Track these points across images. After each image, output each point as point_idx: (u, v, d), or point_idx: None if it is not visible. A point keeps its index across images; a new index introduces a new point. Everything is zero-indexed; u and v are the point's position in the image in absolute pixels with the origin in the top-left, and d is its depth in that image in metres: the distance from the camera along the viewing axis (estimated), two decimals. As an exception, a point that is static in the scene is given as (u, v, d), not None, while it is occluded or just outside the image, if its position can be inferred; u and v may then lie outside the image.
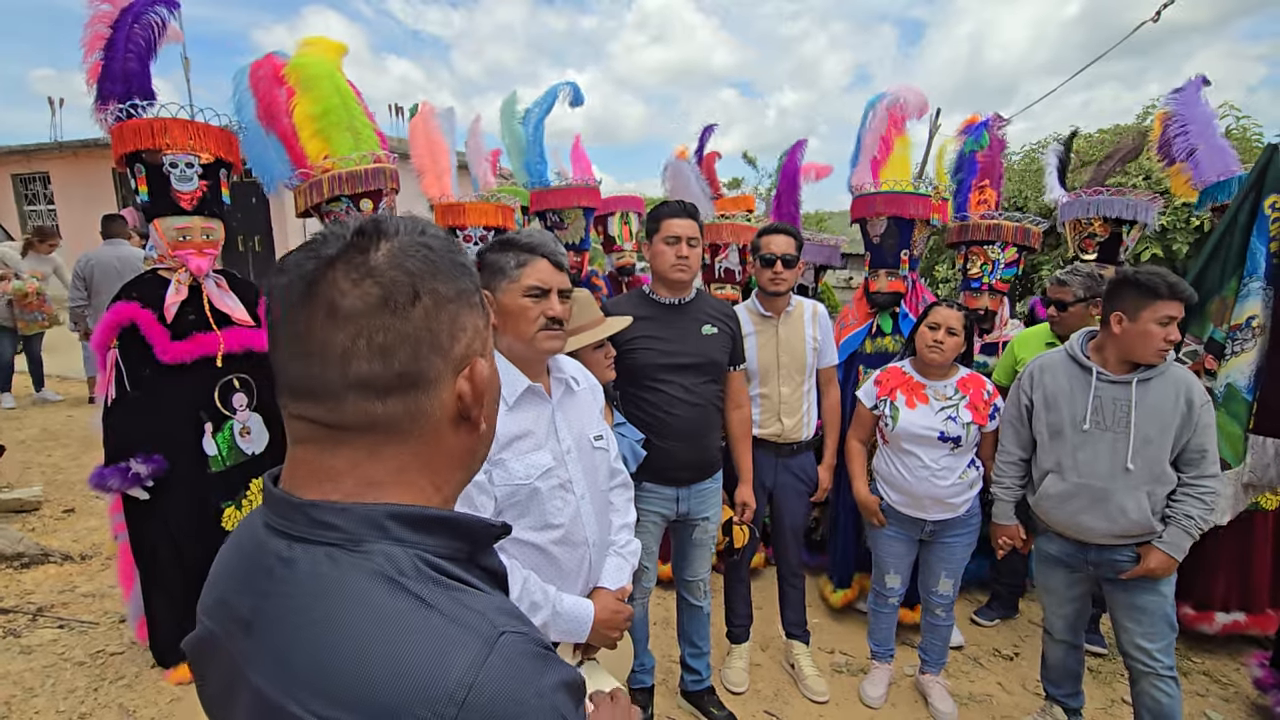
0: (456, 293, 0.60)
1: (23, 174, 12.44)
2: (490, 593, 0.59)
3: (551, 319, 1.47)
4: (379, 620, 0.51)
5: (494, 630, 0.52)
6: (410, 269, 0.57)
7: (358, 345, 0.55)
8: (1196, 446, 2.02)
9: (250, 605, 0.57)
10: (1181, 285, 1.96)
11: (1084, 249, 3.29)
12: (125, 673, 2.64)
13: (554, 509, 1.46)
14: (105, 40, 2.29)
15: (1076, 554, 2.19)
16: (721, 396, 2.36)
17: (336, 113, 2.59)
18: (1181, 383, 2.02)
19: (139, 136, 2.24)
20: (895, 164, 3.07)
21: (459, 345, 0.59)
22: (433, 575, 0.55)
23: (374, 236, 0.57)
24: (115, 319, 2.32)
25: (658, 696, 2.54)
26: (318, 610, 0.52)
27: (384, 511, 0.56)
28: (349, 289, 0.55)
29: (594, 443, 1.59)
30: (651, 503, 2.25)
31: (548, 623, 1.42)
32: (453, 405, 0.60)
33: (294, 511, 0.57)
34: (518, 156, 3.64)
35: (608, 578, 1.59)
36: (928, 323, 2.38)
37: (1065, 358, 2.19)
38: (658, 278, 2.28)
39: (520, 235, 1.52)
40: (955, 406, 2.36)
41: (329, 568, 0.54)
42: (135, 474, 2.32)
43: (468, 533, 0.61)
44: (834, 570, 3.21)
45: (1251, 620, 2.86)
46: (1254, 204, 2.51)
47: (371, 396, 0.56)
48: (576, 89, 3.61)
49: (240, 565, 0.60)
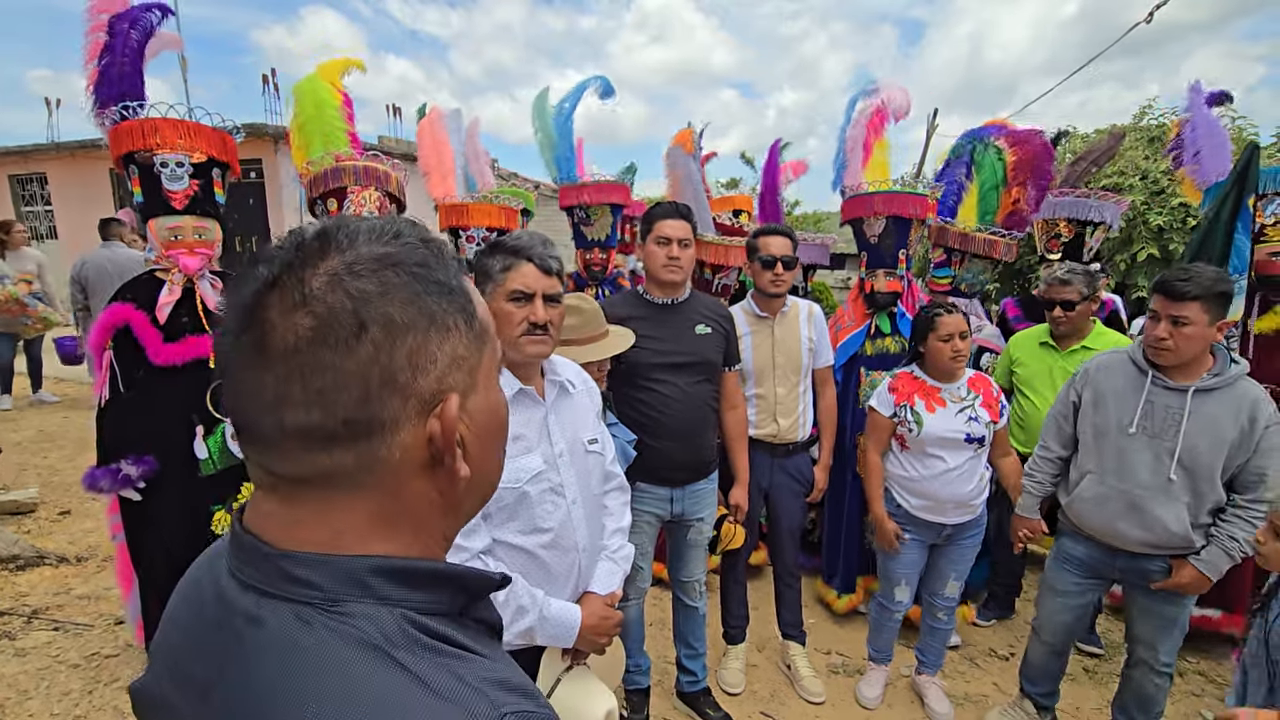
0: (421, 317, 0.49)
1: (20, 175, 12.41)
2: (486, 657, 0.51)
3: (534, 324, 1.45)
4: (360, 701, 0.43)
5: (494, 712, 0.45)
6: (354, 291, 0.47)
7: (291, 390, 0.46)
8: (1256, 469, 1.90)
9: (208, 669, 0.49)
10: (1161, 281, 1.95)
11: (1049, 249, 3.36)
12: (120, 675, 2.63)
13: (544, 513, 1.46)
14: (102, 46, 2.31)
15: (1105, 559, 2.13)
16: (716, 397, 2.36)
17: (312, 122, 2.70)
18: (1246, 398, 1.90)
19: (131, 138, 2.25)
20: (875, 165, 3.08)
21: (425, 380, 0.50)
22: (422, 640, 0.48)
23: (316, 252, 0.48)
24: (110, 320, 2.32)
25: (653, 697, 2.54)
26: (288, 686, 0.45)
27: (367, 566, 0.49)
28: (278, 321, 0.46)
29: (588, 446, 1.58)
30: (646, 503, 2.25)
31: (534, 627, 1.42)
32: (421, 450, 0.50)
33: (264, 562, 0.49)
34: (549, 151, 3.61)
35: (598, 583, 1.59)
36: (938, 336, 2.31)
37: (1125, 359, 2.10)
38: (650, 278, 2.28)
39: (509, 238, 1.50)
40: (972, 406, 2.34)
41: (304, 634, 0.46)
42: (126, 475, 2.31)
43: (463, 586, 0.54)
44: (835, 575, 3.20)
45: (1226, 619, 2.86)
46: (1236, 202, 2.53)
47: (314, 447, 0.48)
48: (606, 82, 3.56)
49: (200, 617, 0.53)
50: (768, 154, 3.79)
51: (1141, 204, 5.74)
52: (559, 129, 3.51)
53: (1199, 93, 3.16)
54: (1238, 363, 1.97)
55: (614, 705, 1.45)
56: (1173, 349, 1.92)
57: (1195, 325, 1.88)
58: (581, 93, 3.55)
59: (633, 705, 2.43)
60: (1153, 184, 5.91)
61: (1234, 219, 2.54)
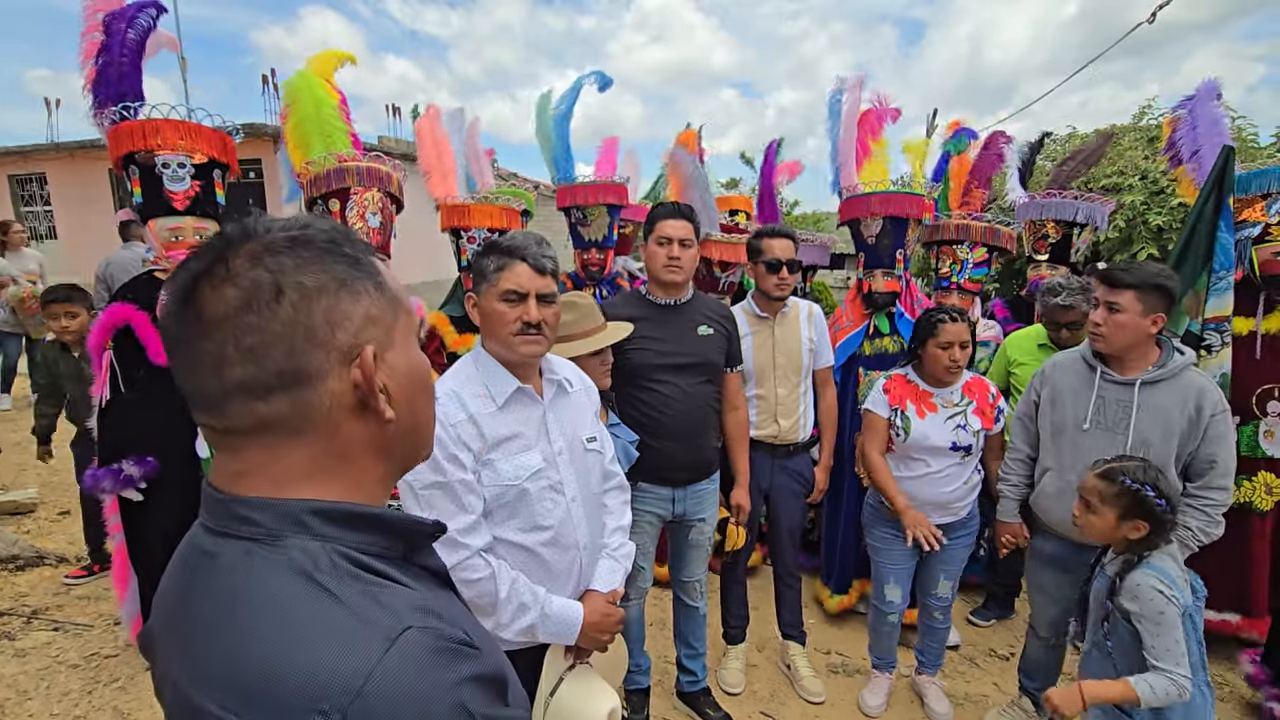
0: (332, 281, 0.57)
1: (19, 175, 12.42)
2: (416, 589, 0.58)
3: (528, 324, 1.45)
4: (285, 617, 0.51)
5: (398, 625, 0.52)
6: (272, 266, 0.55)
7: (227, 351, 0.54)
8: (1205, 456, 1.96)
9: (177, 600, 0.59)
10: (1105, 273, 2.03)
11: (1037, 249, 3.36)
12: (119, 675, 2.63)
13: (543, 510, 1.46)
14: (99, 46, 2.30)
15: (1073, 554, 2.18)
16: (718, 397, 2.36)
17: (310, 121, 2.66)
18: (1192, 388, 1.96)
19: (132, 138, 2.24)
20: (873, 166, 3.08)
21: (343, 335, 0.58)
22: (350, 570, 0.55)
23: (239, 240, 0.57)
24: (110, 320, 2.33)
25: (653, 697, 2.54)
26: (228, 607, 0.53)
27: (304, 507, 0.57)
28: (210, 296, 0.55)
29: (586, 444, 1.59)
30: (647, 503, 2.25)
31: (535, 624, 1.42)
32: (349, 396, 0.59)
33: (219, 506, 0.58)
34: (548, 152, 3.60)
35: (599, 580, 1.59)
36: (938, 343, 2.29)
37: (1077, 357, 2.18)
38: (652, 278, 2.28)
39: (504, 239, 1.51)
40: (964, 413, 2.34)
41: (245, 563, 0.54)
42: (128, 476, 2.32)
43: (395, 530, 0.61)
44: (832, 575, 3.20)
45: (1245, 623, 2.84)
46: (1217, 201, 2.57)
47: (253, 399, 0.56)
48: (602, 75, 3.56)
49: (176, 561, 0.62)
50: (764, 155, 3.80)
51: (1141, 204, 5.74)
52: (555, 129, 3.50)
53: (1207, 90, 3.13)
54: (1183, 354, 2.03)
55: (617, 704, 1.45)
56: (1104, 335, 2.01)
57: (1127, 313, 1.96)
58: (577, 92, 3.53)
59: (633, 705, 2.43)
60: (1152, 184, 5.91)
61: (1216, 217, 2.57)
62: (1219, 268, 2.58)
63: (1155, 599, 1.66)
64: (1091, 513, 1.78)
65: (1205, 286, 2.60)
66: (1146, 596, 1.67)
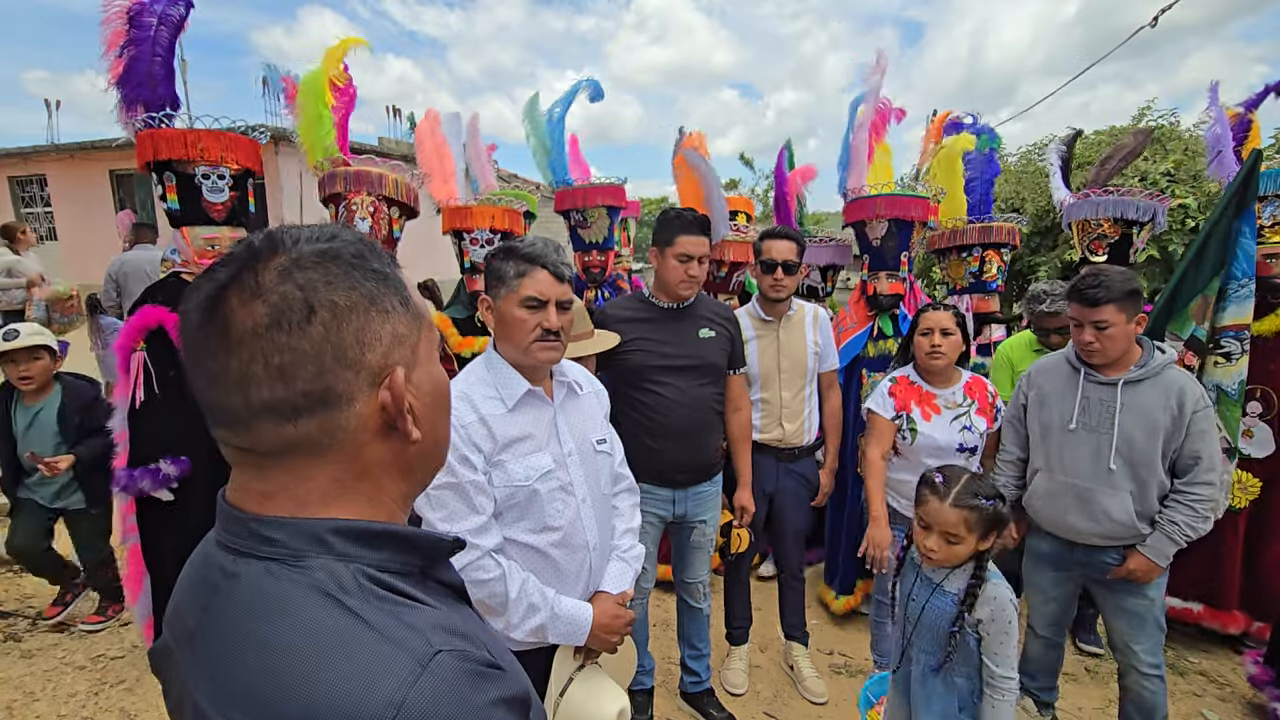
0: (362, 300, 0.56)
1: (19, 176, 12.40)
2: (438, 608, 0.57)
3: (547, 330, 1.46)
4: (311, 640, 0.50)
5: (429, 649, 0.51)
6: (302, 282, 0.54)
7: (254, 370, 0.53)
8: (1190, 452, 2.00)
9: (195, 620, 0.57)
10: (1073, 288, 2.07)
11: (1093, 250, 3.25)
12: (126, 677, 2.64)
13: (554, 511, 1.47)
14: (125, 37, 2.23)
15: (1065, 554, 2.21)
16: (719, 399, 2.36)
17: (314, 127, 2.67)
18: (1174, 386, 2.01)
19: (171, 146, 2.21)
20: (878, 169, 3.09)
21: (372, 355, 0.56)
22: (375, 591, 0.54)
23: (266, 252, 0.55)
24: (142, 322, 2.31)
25: (657, 698, 2.55)
26: (253, 628, 0.52)
27: (326, 526, 0.55)
28: (238, 310, 0.53)
29: (596, 446, 1.60)
30: (647, 504, 2.26)
31: (545, 625, 1.43)
32: (375, 418, 0.57)
33: (238, 525, 0.57)
34: (542, 157, 3.61)
35: (609, 582, 1.60)
36: (919, 330, 2.37)
37: (1061, 359, 2.22)
38: (664, 289, 2.28)
39: (523, 244, 1.51)
40: (967, 414, 2.35)
41: (268, 584, 0.53)
42: (165, 475, 2.31)
43: (416, 547, 0.60)
44: (835, 577, 3.21)
45: (1207, 613, 2.87)
46: (1239, 206, 2.53)
47: (281, 420, 0.54)
48: (596, 85, 3.55)
49: (192, 578, 0.61)
50: (776, 160, 3.81)
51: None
52: (550, 134, 3.50)
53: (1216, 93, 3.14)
54: (1164, 352, 2.07)
55: (626, 704, 1.46)
56: (1100, 350, 2.04)
57: (1115, 326, 2.00)
58: (571, 98, 3.53)
59: (637, 706, 2.44)
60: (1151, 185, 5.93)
61: (1237, 222, 2.54)
62: (1239, 274, 2.54)
63: (1008, 608, 1.67)
64: (953, 544, 1.70)
65: (1216, 291, 2.58)
66: (1001, 606, 1.67)
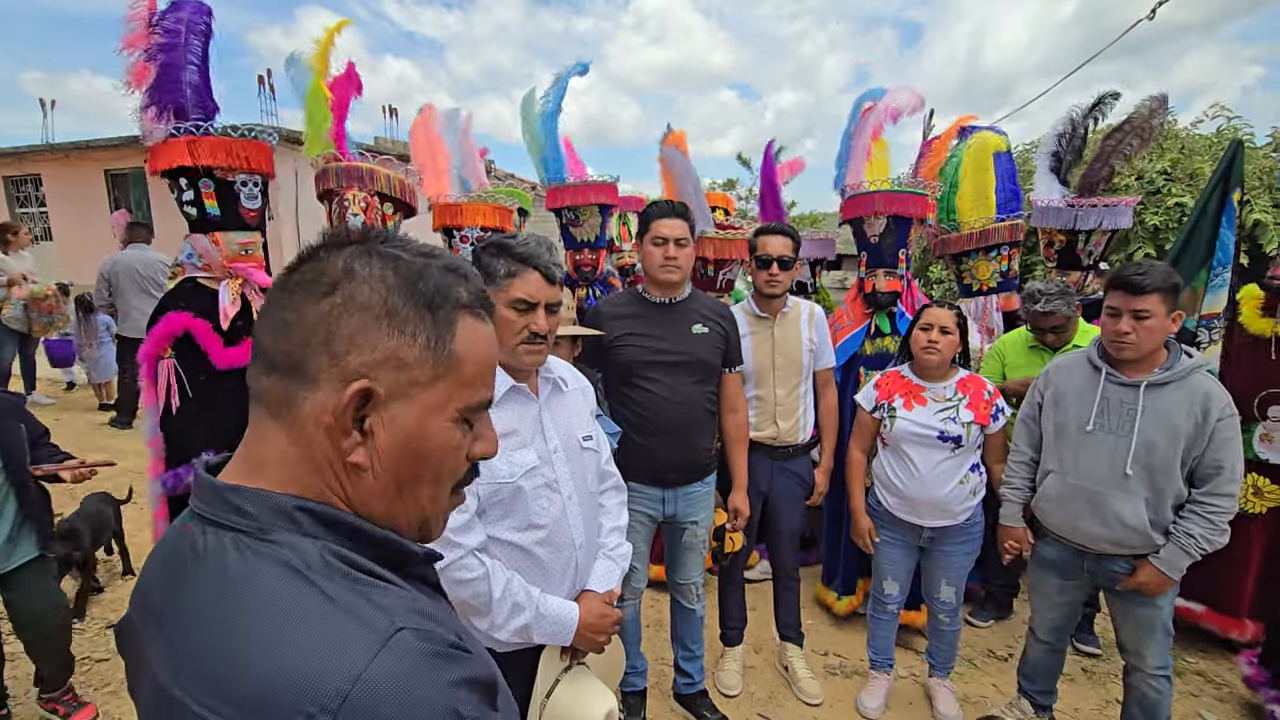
0: (380, 306, 0.57)
1: (14, 176, 12.36)
2: (408, 589, 0.57)
3: (534, 334, 1.43)
4: (274, 614, 0.50)
5: (391, 626, 0.50)
6: (353, 265, 0.58)
7: (275, 312, 0.58)
8: (1212, 461, 1.92)
9: (161, 594, 0.57)
10: (1116, 274, 2.01)
11: (1046, 257, 3.32)
12: (111, 680, 2.61)
13: (538, 509, 1.44)
14: (149, 42, 2.22)
15: (1074, 561, 2.15)
16: (712, 398, 2.33)
17: (317, 125, 2.70)
18: (1199, 391, 1.92)
19: (214, 153, 2.25)
20: (876, 166, 3.07)
21: (355, 357, 0.56)
22: (341, 569, 0.54)
23: (365, 238, 0.61)
24: (169, 329, 2.31)
25: (650, 700, 2.52)
26: (217, 602, 0.52)
27: (292, 503, 0.56)
28: (304, 269, 0.59)
29: (582, 443, 1.57)
30: (638, 503, 2.23)
31: (530, 625, 1.40)
32: (325, 414, 0.57)
33: (211, 493, 0.57)
34: (536, 153, 3.55)
35: (596, 580, 1.57)
36: (920, 325, 2.37)
37: (1082, 358, 2.15)
38: (649, 278, 2.26)
39: (516, 243, 1.46)
40: (955, 407, 2.33)
41: (234, 557, 0.53)
42: None
43: (386, 548, 0.60)
44: (835, 576, 3.18)
45: (1208, 614, 2.85)
46: (1221, 197, 2.56)
47: (264, 366, 0.58)
48: (583, 65, 3.49)
49: (162, 556, 0.60)
50: (764, 156, 3.78)
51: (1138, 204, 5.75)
52: (544, 128, 3.44)
53: None
54: (1191, 356, 2.01)
55: (614, 706, 1.43)
56: (1135, 342, 1.96)
57: (1155, 317, 1.93)
58: (564, 88, 3.44)
59: (629, 707, 2.41)
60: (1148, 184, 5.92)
61: (1220, 213, 2.56)
62: (1217, 264, 2.57)
63: None
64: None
65: (1204, 283, 2.60)
66: None
